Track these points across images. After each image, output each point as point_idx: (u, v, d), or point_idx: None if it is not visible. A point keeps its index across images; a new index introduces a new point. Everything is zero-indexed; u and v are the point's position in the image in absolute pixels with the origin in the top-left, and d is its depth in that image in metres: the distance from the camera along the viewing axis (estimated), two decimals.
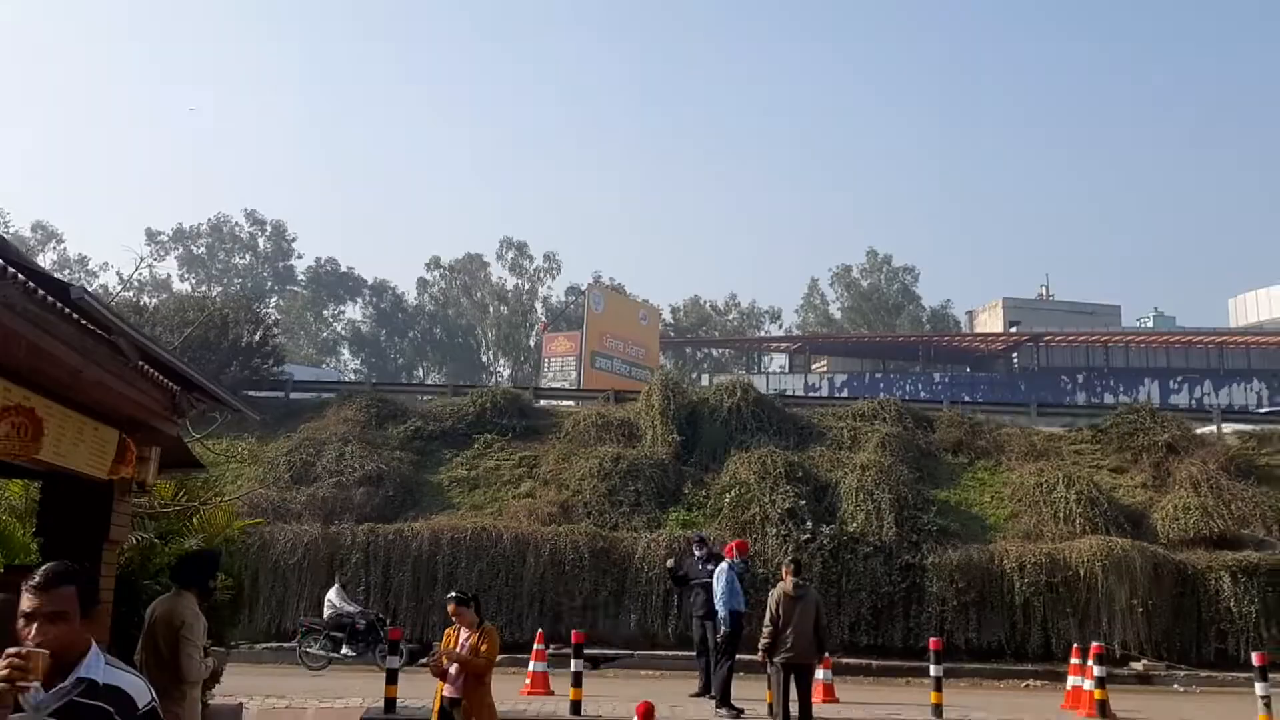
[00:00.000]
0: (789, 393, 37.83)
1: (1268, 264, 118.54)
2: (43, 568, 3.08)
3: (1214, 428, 26.00)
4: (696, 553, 14.13)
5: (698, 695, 13.36)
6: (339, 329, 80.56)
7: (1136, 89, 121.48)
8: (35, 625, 2.94)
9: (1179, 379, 51.71)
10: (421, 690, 11.56)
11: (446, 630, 8.23)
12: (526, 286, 77.64)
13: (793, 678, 10.68)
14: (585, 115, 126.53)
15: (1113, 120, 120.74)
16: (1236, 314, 66.92)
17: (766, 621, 10.69)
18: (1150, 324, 64.12)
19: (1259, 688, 10.67)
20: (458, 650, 7.89)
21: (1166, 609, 18.49)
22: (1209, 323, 63.34)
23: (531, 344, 73.72)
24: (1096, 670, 12.00)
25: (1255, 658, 11.13)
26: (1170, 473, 21.95)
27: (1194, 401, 47.75)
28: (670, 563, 16.05)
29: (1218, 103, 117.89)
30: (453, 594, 8.28)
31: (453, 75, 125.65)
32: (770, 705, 11.19)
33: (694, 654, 14.57)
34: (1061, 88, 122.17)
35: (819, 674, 11.96)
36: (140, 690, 3.05)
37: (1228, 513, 20.24)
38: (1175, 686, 17.32)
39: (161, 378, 7.16)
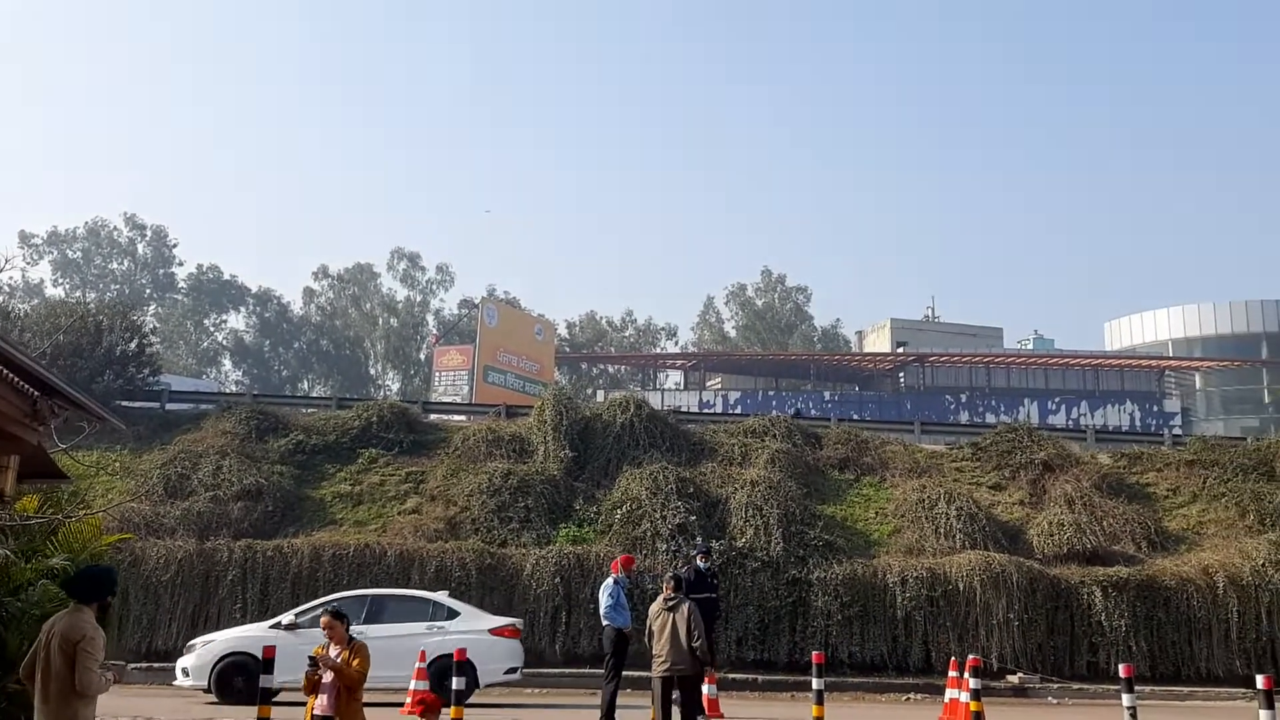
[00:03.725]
0: (683, 409, 38.01)
1: (1142, 290, 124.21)
2: None
3: (1088, 447, 26.94)
4: (701, 564, 13.91)
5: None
6: (220, 339, 78.32)
7: (1019, 121, 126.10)
8: None
9: (1057, 399, 53.60)
10: (293, 713, 11.19)
11: (316, 647, 8.06)
12: (418, 298, 76.67)
13: (676, 691, 10.65)
14: (482, 126, 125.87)
15: (998, 150, 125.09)
16: (1112, 338, 69.74)
17: (646, 633, 10.92)
18: (1030, 346, 66.38)
19: (1126, 699, 11.00)
20: (332, 659, 7.74)
21: (1041, 623, 19.02)
22: (1086, 346, 65.94)
23: (422, 357, 72.78)
24: (972, 683, 12.24)
25: (1122, 669, 11.48)
26: (1046, 490, 22.66)
27: (1071, 421, 49.51)
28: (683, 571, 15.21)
29: (1100, 136, 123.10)
30: (329, 606, 8.12)
31: (347, 79, 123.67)
32: None
33: (588, 669, 14.43)
34: (950, 118, 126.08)
35: (704, 689, 11.90)
36: None
37: (1100, 529, 20.96)
38: (1049, 699, 17.82)
39: (20, 382, 6.82)
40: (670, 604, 10.64)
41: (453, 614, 15.06)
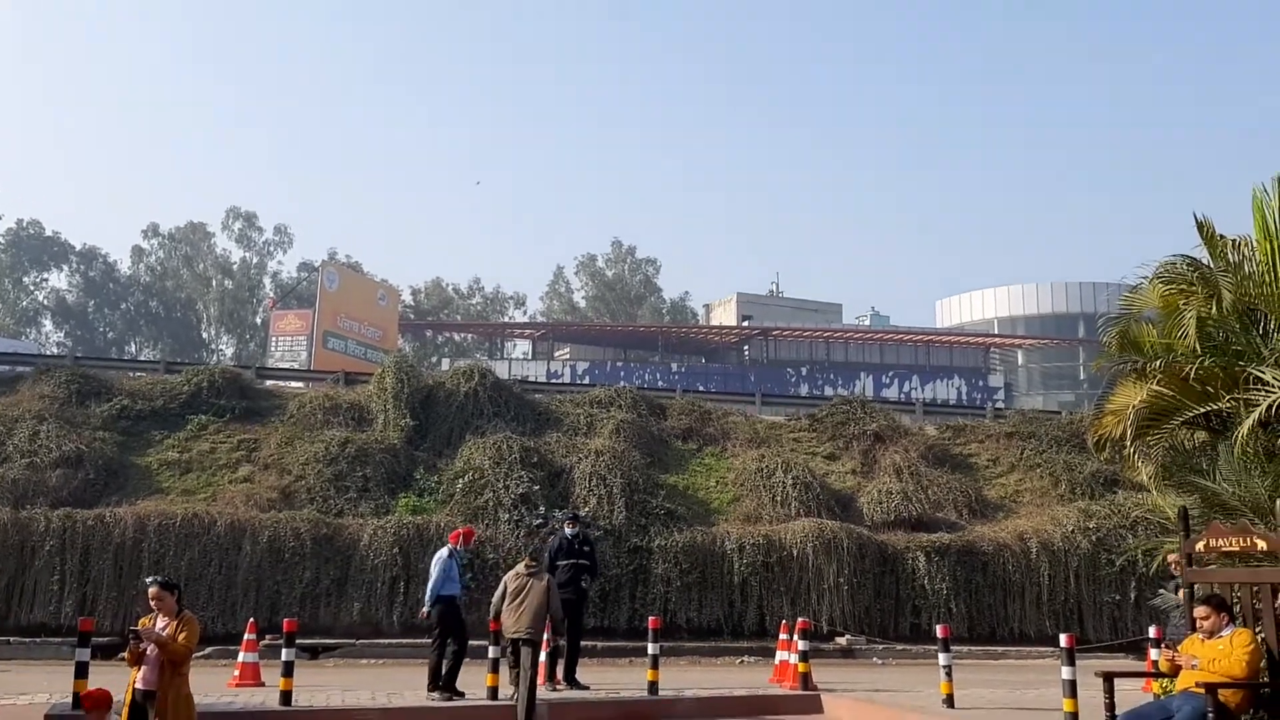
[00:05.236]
0: (531, 379, 37.90)
1: (970, 271, 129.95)
2: None
3: (917, 419, 28.13)
4: (567, 531, 13.72)
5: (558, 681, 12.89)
6: (41, 298, 73.93)
7: (859, 107, 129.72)
8: None
9: (890, 374, 55.70)
10: (115, 685, 10.72)
11: (141, 619, 7.74)
12: (254, 260, 74.05)
13: (524, 655, 10.79)
14: (326, 84, 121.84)
15: (841, 135, 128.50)
16: (942, 315, 72.83)
17: (495, 599, 11.09)
18: (867, 322, 68.73)
19: (942, 658, 11.57)
20: (156, 632, 7.45)
21: (869, 587, 19.80)
22: (919, 323, 68.66)
23: (258, 321, 70.37)
24: (801, 645, 12.67)
25: (939, 630, 12.08)
26: (877, 460, 23.57)
27: (903, 395, 51.54)
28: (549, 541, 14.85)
29: (935, 123, 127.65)
30: (156, 578, 7.79)
31: (185, 27, 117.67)
32: (490, 690, 11.21)
33: (425, 639, 14.21)
34: (791, 101, 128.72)
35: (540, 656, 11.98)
36: None
37: (925, 497, 21.95)
38: (874, 660, 18.58)
39: None
40: (532, 570, 10.96)
41: None
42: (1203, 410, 9.28)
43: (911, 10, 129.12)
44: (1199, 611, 7.68)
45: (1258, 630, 7.68)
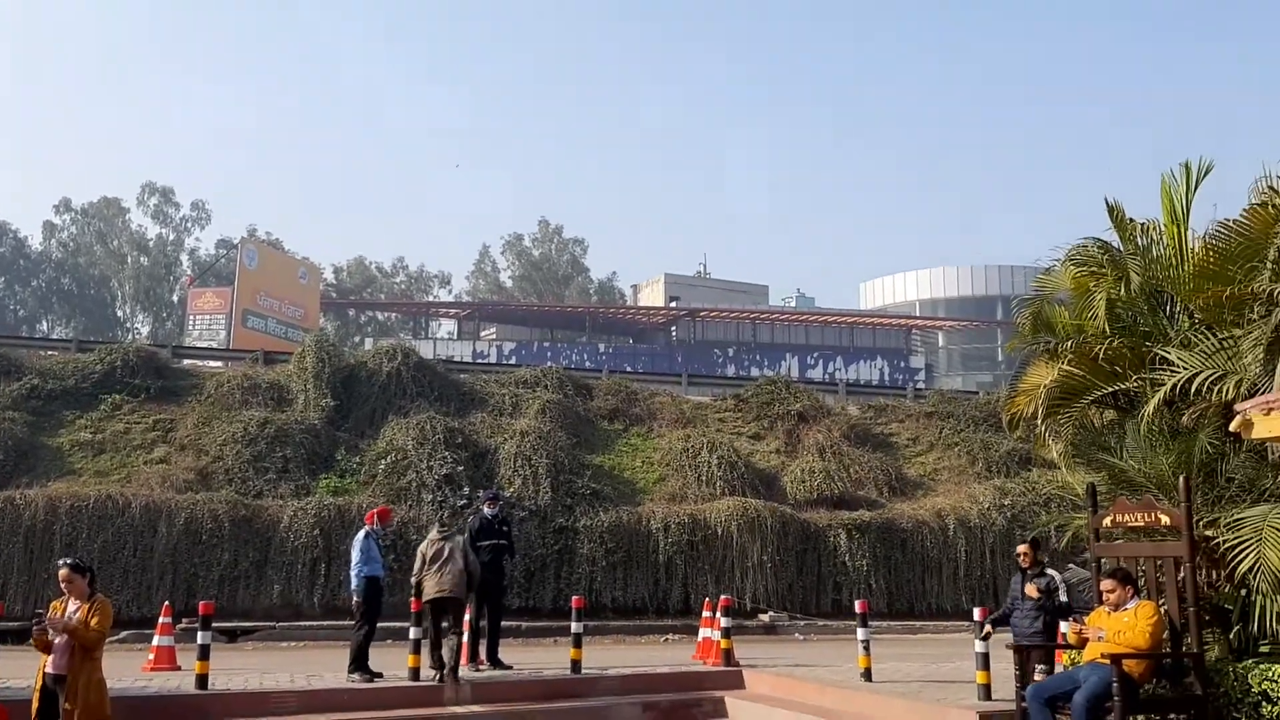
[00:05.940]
0: (456, 359, 37.59)
1: (893, 254, 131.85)
2: None
3: (840, 399, 28.54)
4: (487, 511, 13.51)
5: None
6: None
7: (791, 93, 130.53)
8: None
9: (815, 354, 56.34)
10: (26, 670, 10.46)
11: (53, 603, 7.57)
12: (171, 236, 72.10)
13: (447, 618, 10.87)
14: (247, 57, 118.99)
15: (770, 119, 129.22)
16: (866, 298, 73.83)
17: (416, 569, 11.41)
18: (793, 304, 69.37)
19: (860, 633, 11.77)
20: (65, 620, 7.26)
21: (792, 564, 20.10)
22: (843, 305, 69.48)
23: (175, 299, 68.73)
24: (723, 621, 12.80)
25: (858, 605, 12.28)
26: (800, 439, 23.90)
27: (827, 375, 52.17)
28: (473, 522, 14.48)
29: (854, 109, 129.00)
30: (66, 560, 7.63)
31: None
32: (412, 671, 11.15)
33: (348, 621, 14.04)
34: (723, 87, 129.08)
35: (464, 637, 11.94)
36: None
37: (847, 476, 22.33)
38: (796, 635, 18.86)
39: None
40: (445, 534, 11.40)
41: None
42: (1111, 389, 9.53)
43: None
44: (1105, 585, 7.91)
45: (1161, 602, 7.94)
